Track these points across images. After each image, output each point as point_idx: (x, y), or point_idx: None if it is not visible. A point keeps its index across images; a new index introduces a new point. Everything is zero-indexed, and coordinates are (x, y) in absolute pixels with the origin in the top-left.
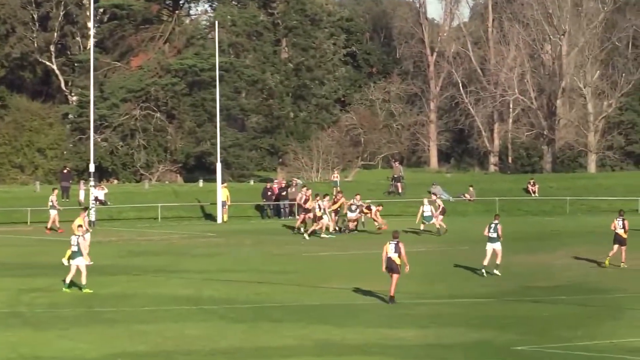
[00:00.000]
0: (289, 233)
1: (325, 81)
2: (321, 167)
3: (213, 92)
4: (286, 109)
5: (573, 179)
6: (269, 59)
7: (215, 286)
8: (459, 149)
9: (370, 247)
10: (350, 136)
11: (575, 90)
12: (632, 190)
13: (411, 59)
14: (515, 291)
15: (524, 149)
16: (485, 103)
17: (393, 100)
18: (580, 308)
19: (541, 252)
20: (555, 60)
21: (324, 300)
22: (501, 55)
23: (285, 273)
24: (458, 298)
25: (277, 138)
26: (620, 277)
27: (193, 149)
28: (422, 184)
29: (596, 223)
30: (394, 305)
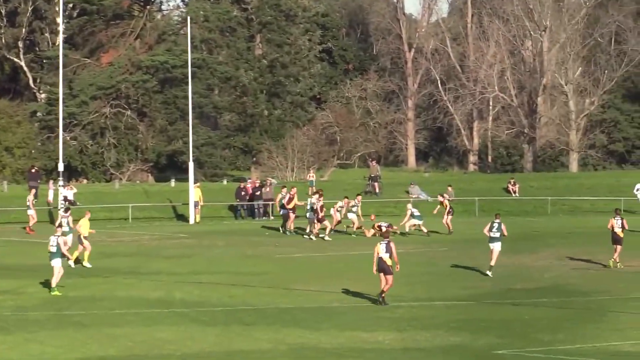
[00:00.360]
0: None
1: (301, 78)
2: (296, 167)
3: (185, 89)
4: (260, 107)
5: (554, 178)
6: (242, 55)
7: (187, 288)
8: (437, 148)
9: (347, 249)
10: (326, 134)
11: (556, 87)
12: (614, 190)
13: (388, 55)
14: (495, 293)
15: (504, 148)
16: (464, 101)
17: (370, 98)
18: (561, 311)
19: (522, 253)
20: (536, 56)
21: (299, 303)
22: (481, 51)
23: (258, 275)
24: (437, 300)
25: (251, 136)
26: (602, 279)
27: (164, 148)
28: (399, 183)
29: (578, 223)
30: (371, 308)
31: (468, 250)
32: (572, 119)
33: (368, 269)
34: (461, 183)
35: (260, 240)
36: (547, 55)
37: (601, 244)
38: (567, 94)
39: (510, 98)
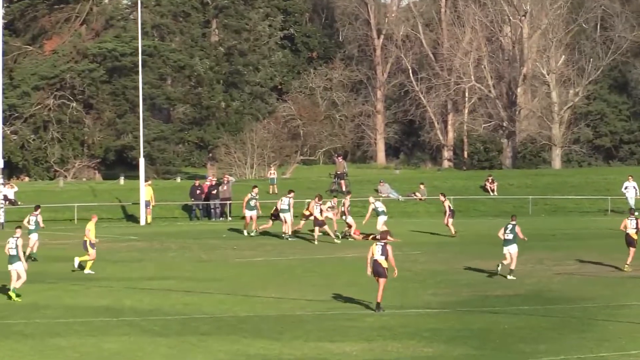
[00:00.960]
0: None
1: (260, 67)
2: (256, 163)
3: (135, 79)
4: (217, 98)
5: (536, 175)
6: (197, 42)
7: (138, 296)
8: (409, 143)
9: (311, 252)
10: (288, 128)
11: (537, 77)
12: (600, 188)
13: (356, 42)
14: (470, 301)
15: (481, 143)
16: (438, 91)
17: (335, 89)
18: (543, 319)
19: (500, 257)
20: (516, 44)
21: (259, 311)
22: (455, 38)
23: (215, 281)
24: (408, 308)
25: (206, 130)
26: (588, 285)
27: (113, 143)
28: (368, 181)
29: (562, 225)
30: (336, 316)
31: (441, 253)
32: (554, 112)
33: (334, 273)
34: (435, 181)
35: (217, 244)
36: (528, 42)
37: (587, 247)
38: (549, 84)
39: (488, 89)
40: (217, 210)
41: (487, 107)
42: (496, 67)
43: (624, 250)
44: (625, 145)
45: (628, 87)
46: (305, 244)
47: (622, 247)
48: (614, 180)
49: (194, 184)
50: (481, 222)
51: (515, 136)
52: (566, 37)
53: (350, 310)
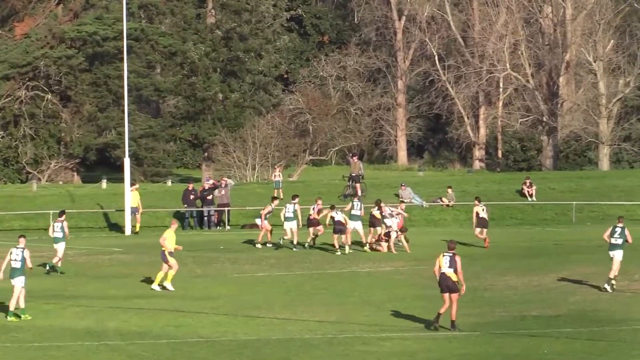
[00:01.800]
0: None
1: (264, 53)
2: (258, 164)
3: (119, 67)
4: (213, 89)
5: (580, 178)
6: (191, 24)
7: (123, 316)
8: (434, 141)
9: (319, 266)
10: (296, 124)
11: (582, 65)
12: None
13: (373, 24)
14: (506, 322)
15: (517, 140)
16: (468, 81)
17: (350, 78)
18: (588, 343)
19: (539, 271)
20: (558, 26)
21: (262, 334)
22: (488, 20)
23: (212, 299)
24: (432, 331)
25: (201, 126)
26: (638, 304)
27: (94, 141)
28: (387, 185)
29: None
30: (350, 340)
31: (472, 267)
32: (602, 105)
33: (346, 290)
34: (464, 184)
35: (214, 256)
36: (572, 24)
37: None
38: (595, 73)
39: (526, 78)
40: (211, 218)
41: (524, 100)
42: (535, 53)
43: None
44: None
45: None
46: (315, 257)
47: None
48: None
49: (187, 188)
50: (518, 232)
51: (556, 133)
52: (615, 18)
53: (365, 333)
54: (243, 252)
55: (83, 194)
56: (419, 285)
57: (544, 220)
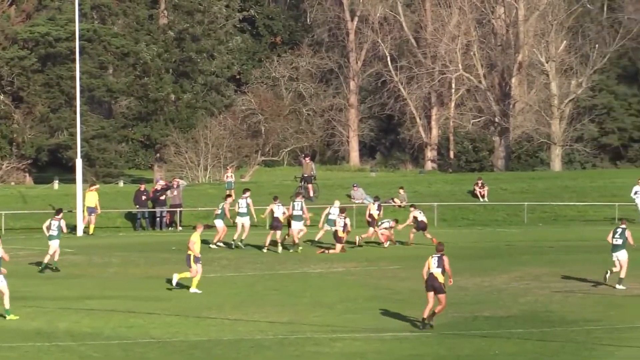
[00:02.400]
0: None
1: (216, 54)
2: (210, 164)
3: (72, 68)
4: (165, 90)
5: (532, 179)
6: (143, 25)
7: (75, 317)
8: (386, 141)
9: (270, 267)
10: (248, 124)
11: (535, 65)
12: (607, 193)
13: (326, 25)
14: (457, 323)
15: (469, 141)
16: (420, 82)
17: (302, 79)
18: (539, 344)
19: (491, 272)
20: (510, 27)
21: (213, 335)
22: (441, 21)
23: (163, 300)
24: (384, 332)
25: (153, 127)
26: (591, 305)
27: (46, 141)
28: (339, 185)
29: (562, 235)
30: (301, 341)
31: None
32: (554, 105)
33: (298, 291)
34: (416, 185)
35: (166, 257)
36: (524, 25)
37: (591, 261)
38: (548, 73)
39: (478, 79)
40: (163, 219)
41: (476, 100)
42: (487, 54)
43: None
44: (635, 144)
45: (639, 77)
46: (267, 258)
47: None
48: (622, 184)
49: (139, 189)
50: (470, 232)
51: (508, 133)
52: (568, 19)
53: (317, 333)
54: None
55: (35, 194)
56: (370, 286)
57: (496, 221)
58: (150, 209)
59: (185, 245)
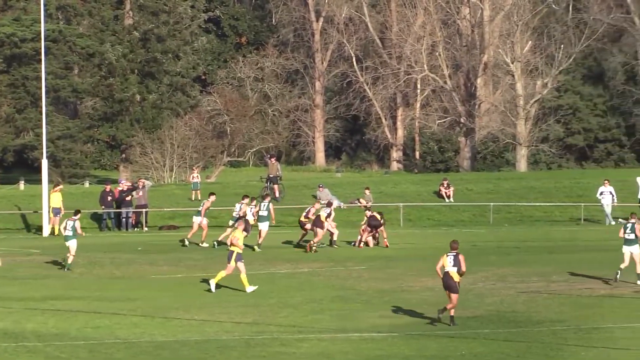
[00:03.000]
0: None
1: (181, 54)
2: (176, 165)
3: (37, 68)
4: (131, 90)
5: (498, 179)
6: (108, 26)
7: (41, 318)
8: (352, 142)
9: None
10: (213, 125)
11: (500, 66)
12: (572, 194)
13: (291, 26)
14: (422, 323)
15: (435, 142)
16: (385, 83)
17: (268, 79)
18: (505, 344)
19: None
20: (475, 28)
21: (179, 336)
22: (406, 21)
23: (129, 301)
24: (351, 332)
25: (119, 127)
26: (557, 305)
27: (11, 142)
28: (305, 186)
29: (527, 235)
30: (267, 342)
31: (390, 269)
32: (519, 106)
33: (264, 292)
34: (382, 185)
35: (132, 258)
36: (489, 26)
37: (557, 261)
38: (513, 74)
39: (443, 79)
40: (129, 220)
41: (442, 101)
42: (453, 54)
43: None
44: (601, 145)
45: (604, 78)
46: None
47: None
48: (587, 184)
49: (104, 189)
50: (435, 233)
51: (474, 134)
52: (533, 20)
53: (283, 334)
54: (161, 254)
55: (0, 195)
56: (336, 286)
57: (462, 222)
58: (115, 210)
59: (150, 245)
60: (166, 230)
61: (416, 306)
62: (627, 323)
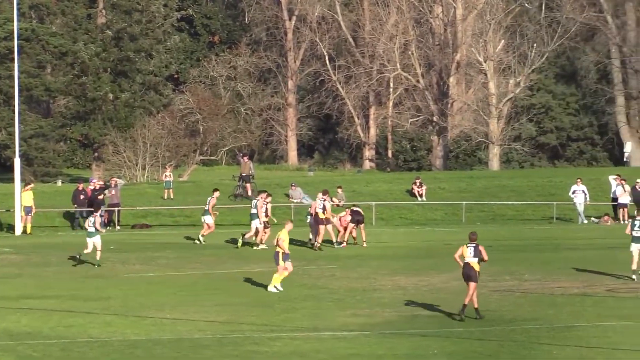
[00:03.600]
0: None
1: (154, 53)
2: (148, 164)
3: (10, 67)
4: (103, 89)
5: (470, 178)
6: (81, 24)
7: (13, 317)
8: (324, 141)
9: (211, 266)
10: (186, 123)
11: (473, 65)
12: (545, 192)
13: (264, 24)
14: (396, 322)
15: (407, 140)
16: (358, 82)
17: (240, 78)
18: (478, 343)
19: (429, 272)
20: (448, 26)
21: (152, 334)
22: (379, 20)
23: (102, 299)
24: (323, 331)
25: (91, 126)
26: (529, 304)
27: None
28: (278, 185)
29: (500, 234)
30: (240, 340)
31: (361, 268)
32: (492, 105)
33: (238, 290)
34: (354, 184)
35: (104, 257)
36: (462, 24)
37: (529, 260)
38: (486, 73)
39: (416, 78)
40: (102, 219)
41: (414, 100)
42: (425, 53)
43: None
44: (574, 144)
45: (577, 77)
46: (207, 257)
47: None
48: (560, 183)
49: (77, 188)
50: (408, 232)
51: (447, 133)
52: (506, 18)
53: (256, 332)
54: (133, 252)
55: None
56: (308, 285)
57: (434, 220)
58: (88, 209)
59: (123, 244)
60: (139, 229)
61: (388, 305)
62: (600, 322)
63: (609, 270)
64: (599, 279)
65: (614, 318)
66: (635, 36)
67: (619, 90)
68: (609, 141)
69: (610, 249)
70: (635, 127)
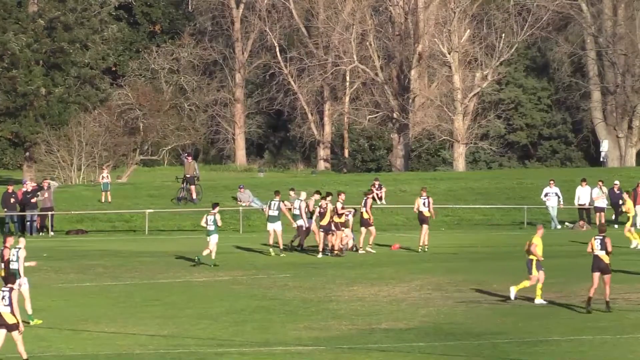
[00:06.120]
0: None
1: (90, 44)
2: (84, 164)
3: None
4: (35, 83)
5: (434, 179)
6: (11, 13)
7: None
8: (275, 139)
9: (150, 275)
10: (125, 120)
11: (436, 57)
12: (515, 195)
13: (209, 13)
14: (353, 336)
15: (365, 139)
16: (311, 75)
17: (184, 71)
18: (443, 358)
19: (389, 281)
20: (409, 15)
21: (89, 349)
22: (334, 8)
23: (34, 311)
24: (274, 345)
25: (22, 123)
26: (497, 316)
27: None
28: (225, 187)
29: (466, 240)
30: (188, 357)
31: (316, 277)
32: (457, 100)
33: (180, 302)
34: (308, 186)
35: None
36: (424, 13)
37: (498, 269)
38: (450, 65)
39: (374, 71)
40: (34, 223)
41: (373, 95)
42: (384, 44)
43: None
44: (546, 142)
45: (549, 70)
46: (147, 265)
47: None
48: (531, 185)
49: (6, 191)
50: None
51: (408, 130)
52: (472, 6)
53: (201, 348)
54: (68, 260)
55: None
56: (258, 295)
57: (394, 225)
58: (19, 213)
59: (56, 251)
60: (74, 234)
61: (345, 317)
62: (575, 335)
63: (584, 280)
64: (573, 289)
65: (590, 331)
66: (611, 26)
67: (595, 85)
68: (584, 139)
69: (585, 256)
70: (612, 125)
